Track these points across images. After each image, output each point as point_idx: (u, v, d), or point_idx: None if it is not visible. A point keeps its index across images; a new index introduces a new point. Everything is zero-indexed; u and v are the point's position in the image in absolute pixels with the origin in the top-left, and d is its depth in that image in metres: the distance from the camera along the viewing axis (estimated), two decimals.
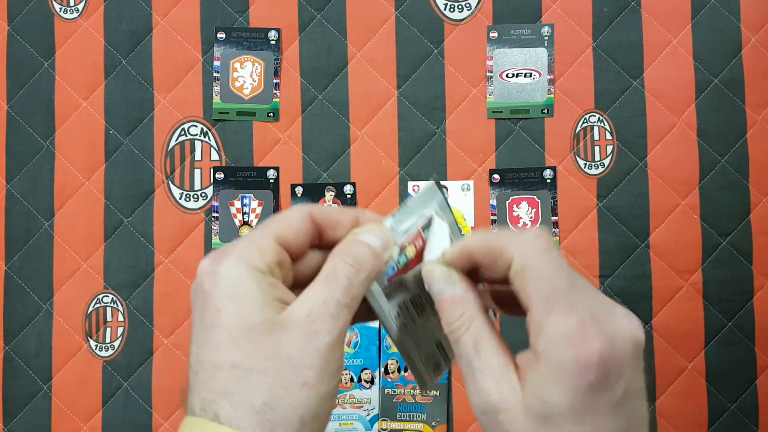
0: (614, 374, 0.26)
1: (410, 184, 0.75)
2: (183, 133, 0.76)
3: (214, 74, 0.76)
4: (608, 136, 0.75)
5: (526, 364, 0.28)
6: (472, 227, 0.75)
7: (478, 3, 0.76)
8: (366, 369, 0.72)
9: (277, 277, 0.31)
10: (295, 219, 0.32)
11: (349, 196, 0.75)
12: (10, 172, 0.76)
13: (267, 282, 0.30)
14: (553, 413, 0.26)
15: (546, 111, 0.75)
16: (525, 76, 0.76)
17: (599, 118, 0.75)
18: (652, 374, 0.73)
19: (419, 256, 0.34)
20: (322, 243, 0.34)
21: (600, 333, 0.26)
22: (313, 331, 0.29)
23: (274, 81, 0.76)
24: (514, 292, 0.30)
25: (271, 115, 0.76)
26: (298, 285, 0.32)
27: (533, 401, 0.27)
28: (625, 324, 0.27)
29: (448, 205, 0.35)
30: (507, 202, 0.75)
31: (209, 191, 0.75)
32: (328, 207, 0.34)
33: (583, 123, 0.75)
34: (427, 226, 0.34)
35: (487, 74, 0.76)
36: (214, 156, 0.76)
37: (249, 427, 0.27)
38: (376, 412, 0.72)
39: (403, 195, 0.75)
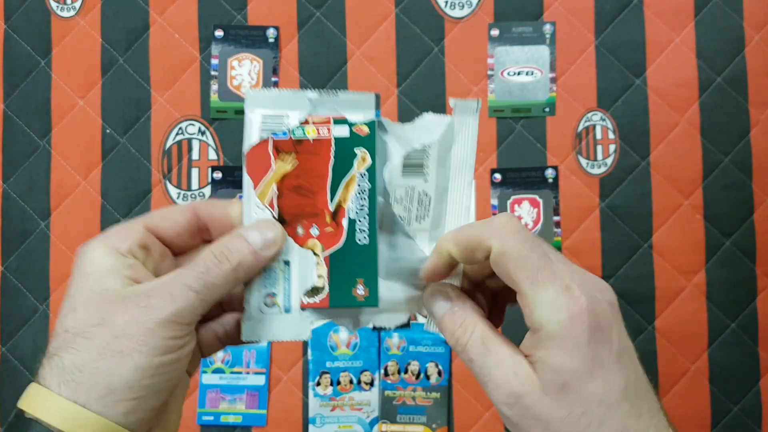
0: (605, 326, 0.29)
1: None
2: (180, 132, 0.75)
3: (212, 72, 0.75)
4: (611, 135, 0.74)
5: (530, 346, 0.30)
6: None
7: (479, 0, 0.75)
8: (365, 371, 0.72)
9: (139, 259, 0.32)
10: (174, 210, 0.34)
11: None
12: (6, 171, 0.75)
13: (123, 262, 0.32)
14: (567, 379, 0.28)
15: (548, 110, 0.75)
16: (526, 74, 0.75)
17: (601, 116, 0.74)
18: (655, 376, 0.72)
19: (318, 145, 0.33)
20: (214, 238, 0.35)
21: (582, 293, 0.29)
22: (145, 305, 0.30)
23: (273, 79, 0.75)
24: (499, 278, 0.31)
25: None
26: None
27: (548, 375, 0.29)
28: (600, 287, 0.30)
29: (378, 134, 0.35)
30: (508, 201, 0.74)
31: (207, 191, 0.75)
32: (220, 201, 0.35)
33: (586, 122, 0.74)
34: (342, 121, 0.34)
35: (488, 72, 0.75)
36: (212, 155, 0.75)
37: (57, 385, 0.29)
38: (375, 414, 0.72)
39: None
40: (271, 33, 0.75)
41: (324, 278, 0.33)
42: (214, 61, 0.75)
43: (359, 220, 0.33)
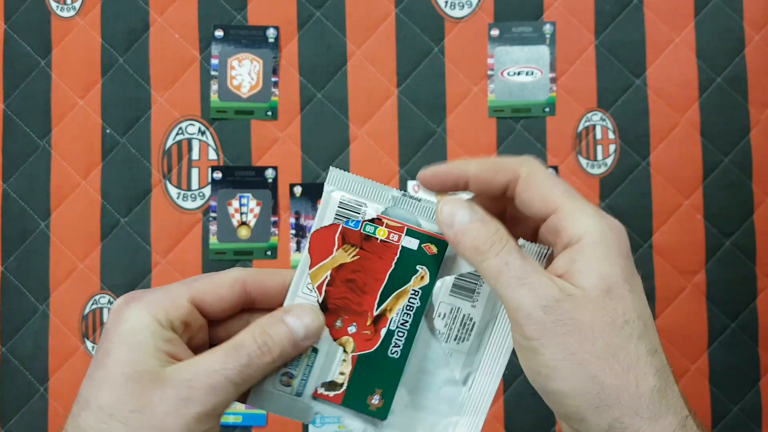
0: (628, 250, 0.31)
1: (410, 183, 0.74)
2: (180, 132, 0.75)
3: (212, 72, 0.75)
4: (611, 135, 0.74)
5: (568, 260, 0.30)
6: None
7: (479, 0, 0.76)
8: None
9: (178, 333, 0.31)
10: (223, 284, 0.33)
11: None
12: (6, 171, 0.75)
13: (163, 335, 0.30)
14: (613, 286, 0.29)
15: (548, 110, 0.75)
16: (526, 74, 0.75)
17: (601, 116, 0.74)
18: None
19: (384, 248, 0.34)
20: (257, 307, 0.34)
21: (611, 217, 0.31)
22: (187, 397, 0.29)
23: (273, 79, 0.75)
24: (517, 205, 0.32)
25: (270, 113, 0.75)
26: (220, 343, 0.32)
27: (593, 280, 0.29)
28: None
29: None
30: None
31: (207, 191, 0.75)
32: (270, 274, 0.34)
33: (586, 122, 0.74)
34: (414, 233, 0.34)
35: (488, 72, 0.75)
36: (212, 155, 0.75)
37: None
38: None
39: None
40: (271, 33, 0.75)
41: (345, 376, 0.33)
42: (214, 61, 0.75)
43: (398, 334, 0.33)
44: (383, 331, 0.33)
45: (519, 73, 0.75)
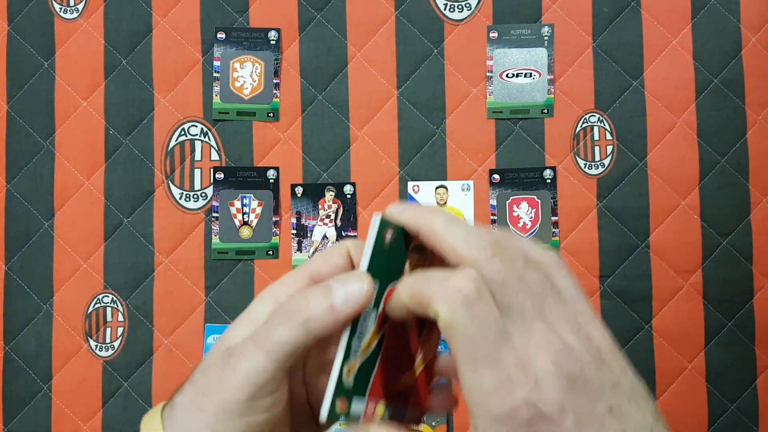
0: (550, 413, 0.25)
1: (410, 184, 0.75)
2: (183, 133, 0.76)
3: (214, 74, 0.76)
4: (608, 136, 0.75)
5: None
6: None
7: (478, 3, 0.76)
8: None
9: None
10: (333, 252, 0.32)
11: (349, 196, 0.75)
12: (10, 172, 0.76)
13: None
14: (509, 413, 0.25)
15: (546, 111, 0.75)
16: (525, 76, 0.76)
17: (599, 118, 0.75)
18: (652, 375, 0.73)
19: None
20: None
21: (526, 381, 0.25)
22: (224, 364, 0.29)
23: (274, 81, 0.76)
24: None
25: (271, 115, 0.76)
26: None
27: (487, 424, 0.26)
28: (552, 352, 0.26)
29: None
30: (507, 202, 0.75)
31: (209, 191, 0.75)
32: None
33: (583, 123, 0.75)
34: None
35: (487, 74, 0.76)
36: (214, 156, 0.76)
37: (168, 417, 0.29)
38: None
39: (403, 195, 0.75)
40: (272, 35, 0.76)
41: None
42: (216, 63, 0.76)
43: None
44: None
45: (517, 75, 0.76)
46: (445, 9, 0.76)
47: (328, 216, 0.75)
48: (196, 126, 0.76)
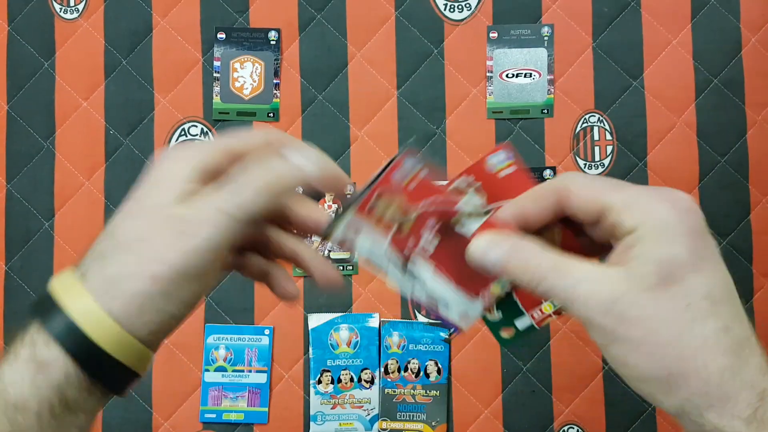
0: (702, 227, 0.30)
1: None
2: (183, 133, 0.76)
3: (214, 74, 0.76)
4: (608, 137, 0.75)
5: (622, 252, 0.29)
6: None
7: (478, 3, 0.76)
8: (366, 369, 0.72)
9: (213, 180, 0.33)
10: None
11: (349, 196, 0.75)
12: (10, 172, 0.76)
13: (191, 177, 0.32)
14: (672, 269, 0.28)
15: (546, 111, 0.75)
16: (525, 76, 0.76)
17: (599, 118, 0.75)
18: None
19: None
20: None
21: (672, 195, 0.30)
22: (181, 231, 0.30)
23: (274, 81, 0.76)
24: (576, 220, 0.32)
25: (271, 115, 0.76)
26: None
27: (650, 267, 0.28)
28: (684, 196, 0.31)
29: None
30: None
31: None
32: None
33: (583, 123, 0.75)
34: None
35: (487, 74, 0.76)
36: None
37: (93, 289, 0.30)
38: (376, 412, 0.72)
39: None
40: (272, 35, 0.76)
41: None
42: (217, 63, 0.76)
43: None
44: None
45: (517, 75, 0.76)
46: (445, 9, 0.76)
47: None
48: (196, 126, 0.76)
